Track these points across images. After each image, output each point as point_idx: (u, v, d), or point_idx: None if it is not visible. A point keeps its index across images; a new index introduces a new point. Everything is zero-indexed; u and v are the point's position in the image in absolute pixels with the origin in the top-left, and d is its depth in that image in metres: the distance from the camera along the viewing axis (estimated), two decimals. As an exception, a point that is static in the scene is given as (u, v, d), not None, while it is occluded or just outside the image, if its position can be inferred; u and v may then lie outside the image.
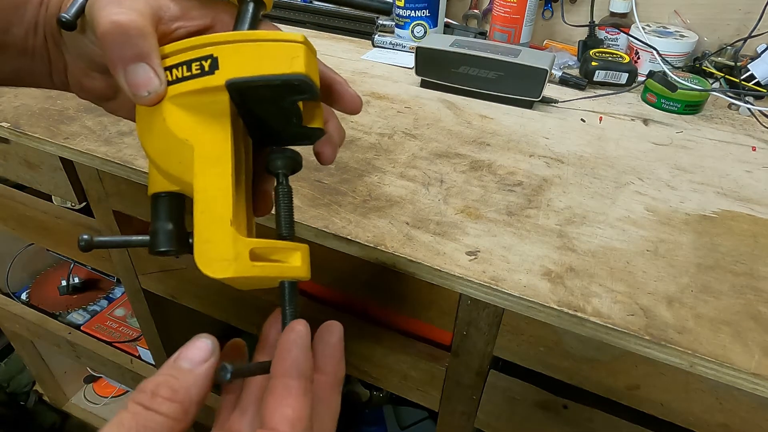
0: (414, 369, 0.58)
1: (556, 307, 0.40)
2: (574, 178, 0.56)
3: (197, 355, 0.24)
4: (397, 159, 0.57)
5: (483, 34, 0.88)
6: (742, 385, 0.37)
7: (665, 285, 0.42)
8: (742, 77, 0.74)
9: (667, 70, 0.74)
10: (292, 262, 0.28)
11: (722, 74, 0.77)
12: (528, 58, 0.69)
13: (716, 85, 0.77)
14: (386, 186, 0.53)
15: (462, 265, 0.43)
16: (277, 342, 0.26)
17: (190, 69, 0.26)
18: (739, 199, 0.54)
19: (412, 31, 0.87)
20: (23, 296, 1.22)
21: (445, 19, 0.90)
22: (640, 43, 0.78)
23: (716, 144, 0.65)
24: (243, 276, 0.25)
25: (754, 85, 0.74)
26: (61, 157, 0.65)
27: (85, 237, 0.27)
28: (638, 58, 0.81)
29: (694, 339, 0.38)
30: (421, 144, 0.61)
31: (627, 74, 0.77)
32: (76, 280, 1.23)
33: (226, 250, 0.25)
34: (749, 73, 0.74)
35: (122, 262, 0.76)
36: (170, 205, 0.28)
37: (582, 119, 0.69)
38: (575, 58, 0.86)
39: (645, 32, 0.78)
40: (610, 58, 0.78)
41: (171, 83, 0.27)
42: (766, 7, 0.73)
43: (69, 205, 0.87)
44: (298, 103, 0.29)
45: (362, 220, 0.48)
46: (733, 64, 0.77)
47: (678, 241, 0.47)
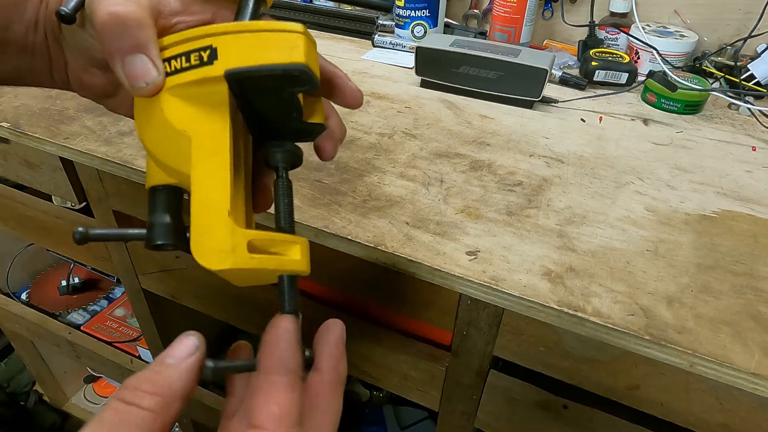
0: (414, 369, 0.58)
1: (556, 307, 0.40)
2: (574, 178, 0.56)
3: (182, 351, 0.24)
4: (397, 159, 0.57)
5: (483, 34, 0.88)
6: (742, 385, 0.37)
7: (665, 285, 0.42)
8: (742, 77, 0.74)
9: (667, 70, 0.74)
10: (292, 255, 0.28)
11: (722, 74, 0.77)
12: (528, 58, 0.69)
13: (716, 85, 0.77)
14: (386, 186, 0.53)
15: (462, 265, 0.43)
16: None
17: (188, 60, 0.26)
18: (739, 199, 0.54)
19: (412, 31, 0.87)
20: (23, 296, 1.22)
21: (445, 19, 0.90)
22: (640, 43, 0.78)
23: (716, 144, 0.65)
24: (240, 268, 0.25)
25: (754, 85, 0.74)
26: (61, 157, 0.65)
27: (81, 229, 0.27)
28: (638, 58, 0.81)
29: (694, 339, 0.38)
30: (421, 144, 0.61)
31: (627, 74, 0.77)
32: (76, 280, 1.23)
33: (223, 241, 0.25)
34: (749, 73, 0.74)
35: (122, 262, 0.76)
36: (168, 199, 0.28)
37: (582, 119, 0.69)
38: (575, 58, 0.86)
39: (645, 32, 0.78)
40: (610, 58, 0.78)
41: (169, 74, 0.27)
42: (766, 7, 0.73)
43: (69, 205, 0.87)
44: (298, 96, 0.28)
45: (362, 220, 0.48)
46: (733, 64, 0.77)
47: (678, 241, 0.47)
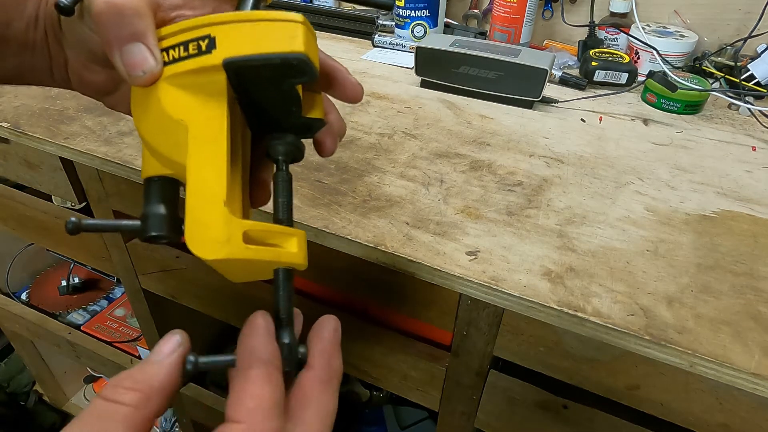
0: (414, 369, 0.58)
1: (556, 307, 0.40)
2: (574, 178, 0.56)
3: (165, 348, 0.24)
4: (397, 159, 0.57)
5: (483, 34, 0.88)
6: (742, 385, 0.37)
7: (665, 285, 0.42)
8: (742, 77, 0.74)
9: (667, 70, 0.74)
10: (288, 248, 0.27)
11: (722, 74, 0.77)
12: (528, 58, 0.69)
13: (716, 85, 0.77)
14: (386, 186, 0.53)
15: (462, 265, 0.43)
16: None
17: (186, 49, 0.26)
18: (739, 199, 0.54)
19: (412, 31, 0.87)
20: (23, 296, 1.22)
21: (445, 19, 0.90)
22: (640, 43, 0.78)
23: (716, 144, 0.65)
24: (235, 258, 0.25)
25: (754, 85, 0.74)
26: (61, 157, 0.65)
27: (73, 219, 0.26)
28: (638, 58, 0.81)
29: (694, 339, 0.38)
30: (421, 144, 0.61)
31: (627, 74, 0.77)
32: (76, 280, 1.23)
33: (218, 231, 0.24)
34: (749, 73, 0.74)
35: (122, 262, 0.76)
36: (163, 190, 0.28)
37: (582, 119, 0.69)
38: (575, 58, 0.86)
39: (645, 32, 0.78)
40: (610, 58, 0.78)
41: (167, 64, 0.27)
42: (766, 7, 0.73)
43: (69, 205, 0.87)
44: (297, 89, 0.28)
45: (362, 220, 0.48)
46: (733, 64, 0.77)
47: (678, 241, 0.47)
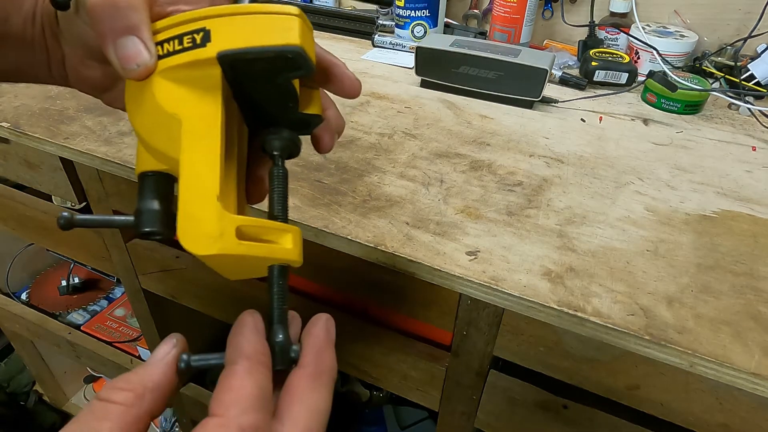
0: (414, 369, 0.58)
1: (556, 307, 0.40)
2: (574, 178, 0.56)
3: (161, 350, 0.25)
4: (397, 159, 0.57)
5: (483, 34, 0.88)
6: (742, 385, 0.37)
7: (665, 285, 0.42)
8: (742, 77, 0.74)
9: (667, 70, 0.74)
10: (283, 244, 0.27)
11: (722, 74, 0.77)
12: (528, 58, 0.69)
13: (716, 85, 0.77)
14: (386, 186, 0.53)
15: (462, 265, 0.43)
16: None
17: (181, 42, 0.26)
18: (739, 199, 0.54)
19: (412, 31, 0.87)
20: (23, 296, 1.22)
21: (445, 19, 0.90)
22: (640, 43, 0.78)
23: (716, 144, 0.65)
24: (228, 254, 0.24)
25: (754, 85, 0.74)
26: (61, 157, 0.65)
27: (65, 215, 0.26)
28: (638, 58, 0.81)
29: (694, 339, 0.38)
30: (421, 144, 0.61)
31: (627, 74, 0.77)
32: (76, 280, 1.23)
33: (210, 226, 0.24)
34: (749, 73, 0.74)
35: (122, 262, 0.76)
36: (157, 185, 0.28)
37: (582, 119, 0.69)
38: (575, 58, 0.86)
39: (645, 32, 0.78)
40: (610, 58, 0.78)
41: (162, 57, 0.26)
42: (766, 7, 0.73)
43: (69, 205, 0.87)
44: (293, 84, 0.28)
45: (362, 220, 0.48)
46: (733, 64, 0.77)
47: (678, 241, 0.47)
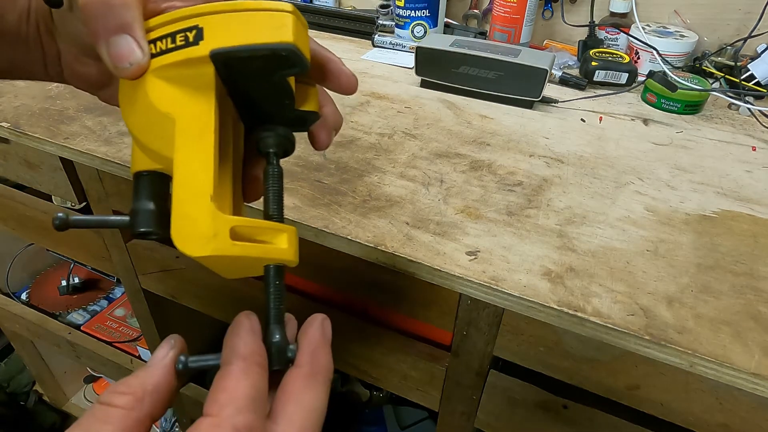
0: (414, 369, 0.58)
1: (556, 307, 0.40)
2: (574, 178, 0.56)
3: (159, 353, 0.25)
4: (397, 159, 0.57)
5: (483, 34, 0.88)
6: (742, 385, 0.37)
7: (665, 285, 0.42)
8: (742, 77, 0.74)
9: (667, 70, 0.74)
10: (278, 244, 0.27)
11: (722, 74, 0.77)
12: (528, 58, 0.69)
13: (716, 85, 0.77)
14: (386, 186, 0.53)
15: (462, 265, 0.43)
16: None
17: (174, 41, 0.26)
18: (739, 199, 0.54)
19: (412, 31, 0.87)
20: (23, 296, 1.22)
21: (445, 19, 0.90)
22: (640, 43, 0.78)
23: (716, 144, 0.65)
24: (222, 255, 0.24)
25: (754, 85, 0.74)
26: (61, 157, 0.65)
27: (60, 215, 0.26)
28: (638, 58, 0.81)
29: (694, 339, 0.38)
30: (421, 144, 0.61)
31: (627, 74, 0.77)
32: (76, 280, 1.23)
33: (204, 227, 0.24)
34: (749, 73, 0.74)
35: (122, 262, 0.76)
36: (152, 185, 0.27)
37: (582, 119, 0.69)
38: (575, 58, 0.86)
39: (645, 32, 0.78)
40: (610, 58, 0.78)
41: (155, 56, 0.26)
42: (766, 7, 0.73)
43: (69, 205, 0.87)
44: (289, 81, 0.28)
45: (362, 220, 0.48)
46: (733, 64, 0.77)
47: (678, 241, 0.47)
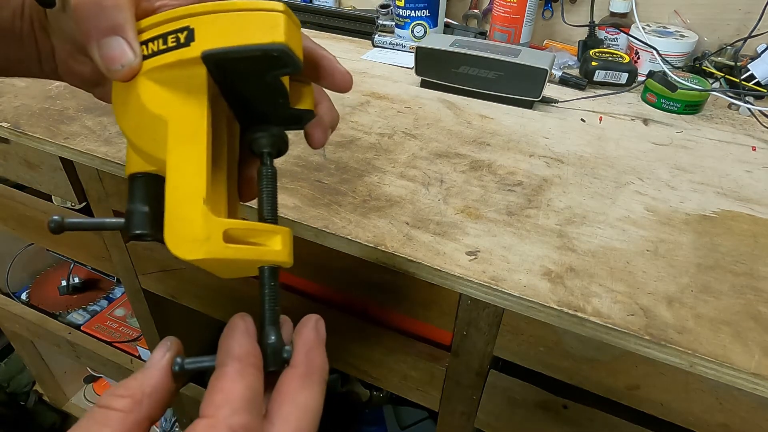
0: (414, 369, 0.58)
1: (556, 307, 0.40)
2: (574, 178, 0.56)
3: (156, 355, 0.25)
4: (397, 159, 0.57)
5: (483, 34, 0.88)
6: (742, 385, 0.37)
7: (665, 285, 0.42)
8: (742, 77, 0.74)
9: (667, 70, 0.74)
10: (272, 246, 0.26)
11: (722, 74, 0.77)
12: (528, 58, 0.69)
13: (716, 85, 0.77)
14: (386, 186, 0.53)
15: (462, 265, 0.43)
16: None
17: (165, 42, 0.25)
18: (739, 199, 0.54)
19: (412, 31, 0.87)
20: (23, 296, 1.22)
21: (445, 19, 0.90)
22: (640, 43, 0.78)
23: (716, 144, 0.65)
24: (215, 258, 0.24)
25: (754, 85, 0.74)
26: (61, 157, 0.65)
27: (56, 218, 0.25)
28: (638, 58, 0.81)
29: (694, 339, 0.38)
30: (421, 144, 0.61)
31: (627, 74, 0.77)
32: (76, 280, 1.23)
33: (197, 230, 0.24)
34: (749, 73, 0.74)
35: (122, 262, 0.76)
36: (147, 187, 0.27)
37: (582, 119, 0.69)
38: (575, 58, 0.86)
39: (645, 32, 0.78)
40: (610, 58, 0.78)
41: (147, 57, 0.26)
42: (766, 7, 0.73)
43: (69, 205, 0.87)
44: (282, 80, 0.28)
45: (362, 220, 0.48)
46: (733, 64, 0.77)
47: (678, 241, 0.47)
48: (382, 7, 0.97)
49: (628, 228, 0.48)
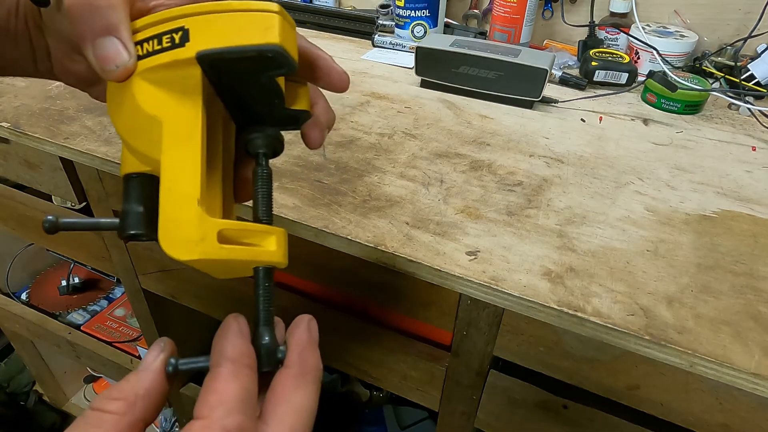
0: (414, 369, 0.58)
1: (556, 307, 0.40)
2: (574, 178, 0.56)
3: (149, 356, 0.25)
4: (397, 159, 0.57)
5: (483, 34, 0.88)
6: (742, 385, 0.37)
7: (665, 285, 0.42)
8: (742, 77, 0.74)
9: (667, 70, 0.74)
10: (267, 246, 0.27)
11: (722, 74, 0.77)
12: (528, 58, 0.69)
13: (716, 85, 0.77)
14: (386, 186, 0.53)
15: (462, 265, 0.43)
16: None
17: (160, 42, 0.25)
18: (739, 199, 0.54)
19: (412, 31, 0.87)
20: (23, 296, 1.22)
21: (445, 19, 0.90)
22: (640, 43, 0.78)
23: (716, 144, 0.65)
24: (209, 259, 0.24)
25: (754, 85, 0.74)
26: (61, 157, 0.65)
27: (50, 218, 0.25)
28: (638, 58, 0.81)
29: (694, 339, 0.38)
30: (421, 144, 0.61)
31: (627, 74, 0.77)
32: (76, 280, 1.23)
33: (191, 231, 0.24)
34: (749, 73, 0.74)
35: (122, 262, 0.76)
36: (142, 187, 0.27)
37: (582, 119, 0.69)
38: (575, 58, 0.86)
39: (645, 32, 0.78)
40: (610, 58, 0.78)
41: (141, 57, 0.26)
42: (766, 7, 0.73)
43: (69, 205, 0.87)
44: (277, 81, 0.28)
45: (362, 220, 0.48)
46: (733, 64, 0.77)
47: (678, 241, 0.47)
48: (382, 7, 0.97)
49: (628, 228, 0.48)
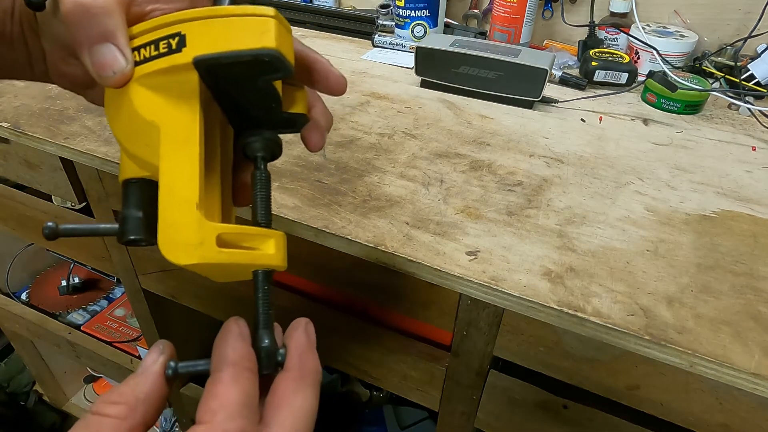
0: (414, 369, 0.58)
1: (556, 307, 0.40)
2: (574, 178, 0.56)
3: (148, 359, 0.25)
4: (397, 159, 0.57)
5: (483, 34, 0.88)
6: (742, 385, 0.37)
7: (665, 285, 0.42)
8: (742, 77, 0.74)
9: (667, 70, 0.74)
10: (265, 250, 0.27)
11: (722, 74, 0.77)
12: (528, 58, 0.69)
13: (716, 85, 0.77)
14: (386, 186, 0.53)
15: (462, 265, 0.43)
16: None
17: (157, 48, 0.26)
18: (739, 199, 0.54)
19: (412, 31, 0.87)
20: (23, 296, 1.22)
21: (445, 19, 0.90)
22: (640, 43, 0.78)
23: (716, 144, 0.65)
24: (208, 263, 0.24)
25: (754, 85, 0.74)
26: (61, 157, 0.65)
27: (50, 224, 0.26)
28: (638, 58, 0.81)
29: (694, 339, 0.38)
30: (421, 144, 0.61)
31: (627, 74, 0.77)
32: (76, 280, 1.23)
33: (190, 235, 0.24)
34: (749, 73, 0.74)
35: (122, 262, 0.76)
36: (141, 192, 0.27)
37: (582, 119, 0.69)
38: (575, 58, 0.86)
39: (645, 32, 0.78)
40: (610, 58, 0.78)
41: (138, 63, 0.26)
42: (766, 7, 0.73)
43: (69, 205, 0.87)
44: (274, 85, 0.28)
45: (362, 220, 0.48)
46: (733, 64, 0.77)
47: (678, 241, 0.47)
48: (382, 7, 0.97)
49: (628, 228, 0.49)
